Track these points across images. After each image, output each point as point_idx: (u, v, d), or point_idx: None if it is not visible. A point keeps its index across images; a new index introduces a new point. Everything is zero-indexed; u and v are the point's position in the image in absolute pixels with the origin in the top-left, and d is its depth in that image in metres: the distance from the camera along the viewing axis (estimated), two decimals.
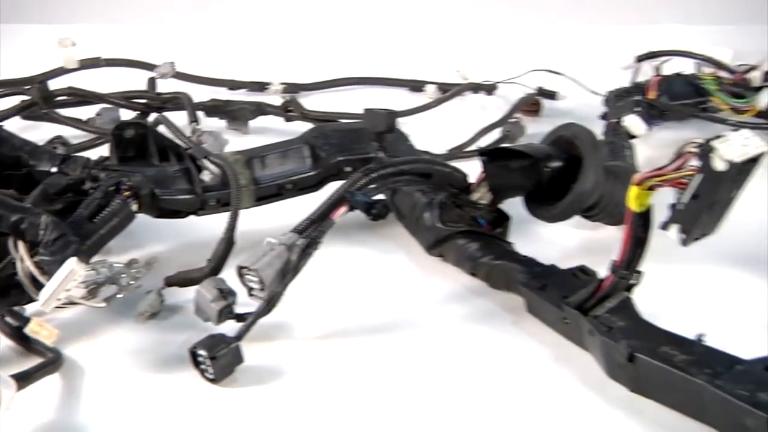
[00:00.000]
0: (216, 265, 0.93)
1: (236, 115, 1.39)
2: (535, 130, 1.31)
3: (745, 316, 0.91)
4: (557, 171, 0.98)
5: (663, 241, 0.80)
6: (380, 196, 0.98)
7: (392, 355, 0.88)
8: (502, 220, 1.01)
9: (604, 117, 1.27)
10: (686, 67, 1.37)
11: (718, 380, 0.73)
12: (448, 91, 1.48)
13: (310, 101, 1.46)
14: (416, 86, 1.55)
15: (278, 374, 0.85)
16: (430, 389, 0.83)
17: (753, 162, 0.75)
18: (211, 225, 0.99)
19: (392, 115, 1.11)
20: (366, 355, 0.88)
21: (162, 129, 1.08)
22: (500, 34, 1.84)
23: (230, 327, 0.85)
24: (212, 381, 0.83)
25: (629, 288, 0.84)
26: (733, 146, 0.74)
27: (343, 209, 0.90)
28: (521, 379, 0.84)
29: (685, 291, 0.95)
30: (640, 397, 0.79)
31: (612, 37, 1.67)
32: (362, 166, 0.98)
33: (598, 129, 1.22)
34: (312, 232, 0.89)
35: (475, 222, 0.99)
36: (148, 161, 1.01)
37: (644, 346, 0.78)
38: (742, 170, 0.75)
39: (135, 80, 1.45)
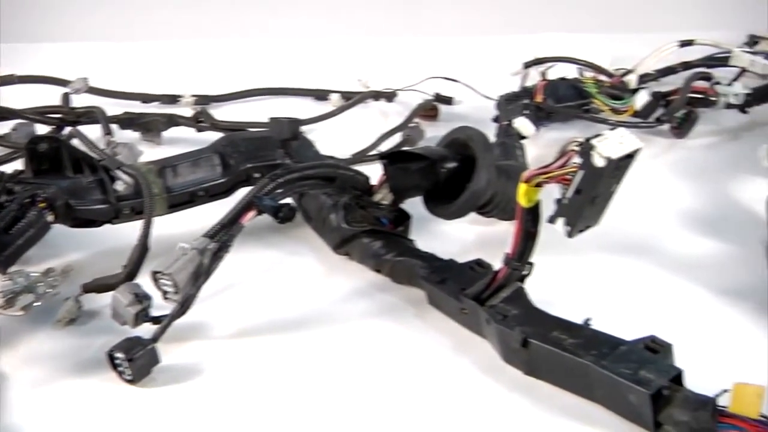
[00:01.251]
0: (131, 271, 0.91)
1: (149, 127, 1.36)
2: (434, 134, 1.31)
3: (627, 300, 0.93)
4: (453, 171, 0.98)
5: (551, 233, 0.80)
6: (288, 200, 0.98)
7: (303, 351, 0.87)
8: (403, 219, 1.01)
9: (496, 120, 1.28)
10: (570, 72, 1.39)
11: (604, 361, 0.74)
12: (351, 99, 1.47)
13: (221, 112, 1.45)
14: (321, 95, 1.54)
15: (194, 373, 0.84)
16: (339, 382, 0.82)
17: (629, 158, 0.76)
18: (126, 233, 0.97)
19: (296, 123, 1.10)
20: (278, 352, 0.87)
21: (76, 142, 1.06)
22: (399, 44, 1.84)
23: (147, 330, 0.83)
24: (130, 382, 0.81)
25: (522, 278, 0.85)
26: (611, 144, 0.75)
27: (251, 213, 0.89)
28: (424, 367, 0.84)
29: (574, 279, 0.96)
30: (534, 380, 0.80)
31: (502, 46, 1.68)
32: (270, 172, 0.97)
33: (491, 131, 1.23)
34: (223, 236, 0.88)
35: (378, 221, 0.99)
36: (62, 173, 0.98)
37: (536, 331, 0.79)
38: (620, 166, 0.76)
39: (49, 96, 1.41)
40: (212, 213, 0.93)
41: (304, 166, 0.98)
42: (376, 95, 1.51)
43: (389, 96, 1.51)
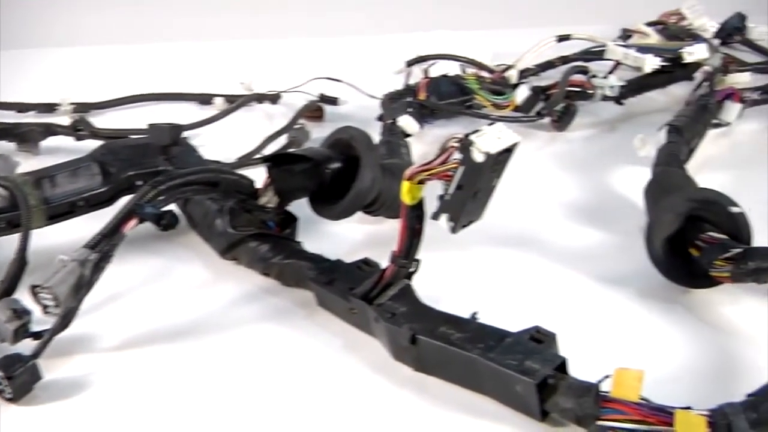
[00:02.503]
0: (8, 286, 0.88)
1: (25, 137, 1.32)
2: (320, 135, 1.30)
3: (513, 292, 0.94)
4: (337, 172, 0.98)
5: (437, 230, 0.81)
6: (172, 207, 0.96)
7: (193, 360, 0.85)
8: (290, 221, 1.00)
9: (380, 118, 1.28)
10: (452, 69, 1.40)
11: (491, 353, 0.75)
12: (235, 102, 1.46)
13: (101, 120, 1.41)
14: (205, 99, 1.52)
15: (80, 388, 0.81)
16: (231, 388, 0.81)
17: (508, 152, 0.77)
18: (4, 246, 0.94)
19: (176, 128, 1.08)
20: (168, 362, 0.85)
21: None
22: (283, 46, 1.83)
23: (28, 346, 0.81)
24: (11, 400, 0.78)
25: (409, 275, 0.86)
26: (489, 139, 0.76)
27: (133, 222, 0.87)
28: (315, 369, 0.84)
29: (460, 274, 0.97)
30: (424, 376, 0.81)
31: (385, 45, 1.68)
32: (152, 180, 0.95)
33: (376, 130, 1.23)
34: (104, 246, 0.85)
35: (265, 225, 0.98)
36: None
37: (424, 328, 0.80)
38: (499, 160, 0.77)
39: None
40: (94, 223, 0.91)
41: (186, 172, 0.97)
42: (260, 98, 1.49)
43: (273, 98, 1.50)
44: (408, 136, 1.23)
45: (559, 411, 0.72)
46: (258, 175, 1.03)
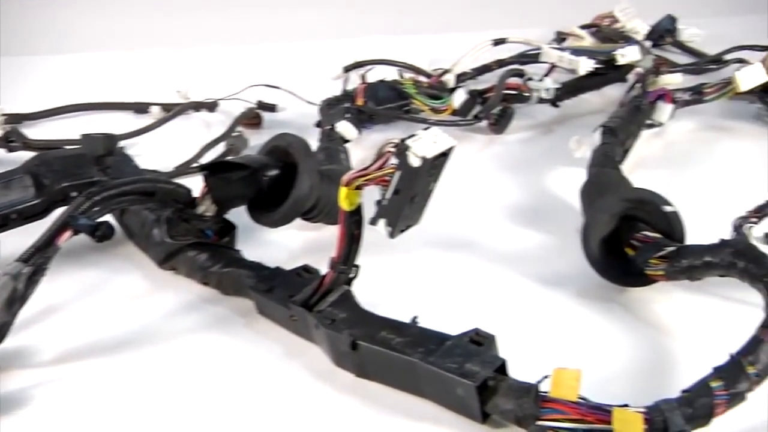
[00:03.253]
0: None
1: None
2: (258, 142, 1.29)
3: (453, 295, 0.94)
4: (275, 179, 0.98)
5: (376, 235, 0.81)
6: (108, 217, 0.95)
7: (133, 371, 0.84)
8: (228, 229, 0.99)
9: (318, 124, 1.28)
10: (389, 74, 1.40)
11: (431, 357, 0.75)
12: (171, 111, 1.44)
13: (35, 131, 1.39)
14: (141, 108, 1.50)
15: (18, 403, 0.79)
16: (172, 398, 0.80)
17: (444, 156, 0.78)
18: None
19: (110, 138, 1.07)
20: (108, 374, 0.84)
21: None
22: (220, 53, 1.82)
23: None
24: None
25: (349, 281, 0.85)
26: (425, 143, 0.76)
27: (67, 234, 0.86)
28: (256, 376, 0.83)
29: (400, 278, 0.97)
30: (365, 381, 0.80)
31: (323, 50, 1.68)
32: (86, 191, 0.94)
33: (315, 136, 1.23)
34: (38, 259, 0.84)
35: (203, 234, 0.97)
36: None
37: (365, 333, 0.80)
38: (435, 164, 0.77)
39: None
40: (29, 235, 0.89)
41: (120, 182, 0.95)
42: (197, 106, 1.48)
43: (210, 106, 1.48)
44: (347, 141, 1.23)
45: (499, 412, 0.72)
46: (196, 184, 1.02)
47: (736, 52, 1.56)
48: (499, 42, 1.51)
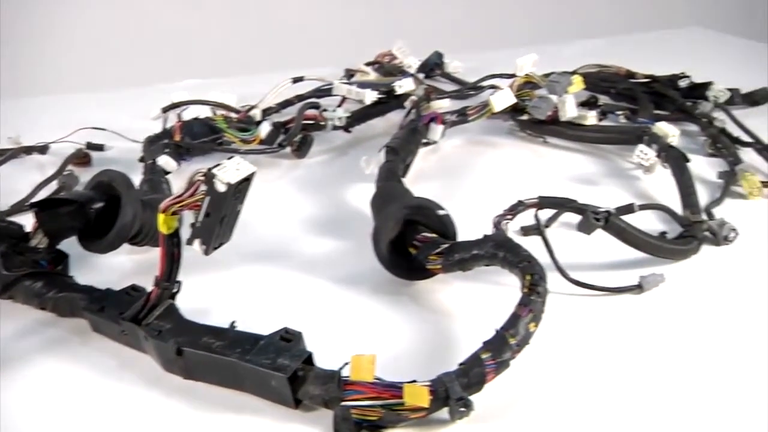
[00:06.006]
0: None
1: None
2: (89, 179, 1.24)
3: (266, 301, 0.93)
4: (101, 210, 0.94)
5: (194, 253, 0.79)
6: None
7: None
8: (61, 258, 0.94)
9: (141, 159, 1.24)
10: (204, 112, 1.37)
11: (247, 356, 0.74)
12: (3, 156, 1.35)
13: None
14: None
15: None
16: (15, 414, 0.75)
17: (247, 180, 0.77)
18: None
19: None
20: None
21: None
22: (46, 102, 1.74)
23: None
24: None
25: (172, 296, 0.83)
26: (229, 171, 0.75)
27: None
28: (93, 388, 0.79)
29: (219, 290, 0.95)
30: (193, 382, 0.78)
31: (145, 96, 1.62)
32: None
33: (140, 170, 1.19)
34: None
35: (38, 264, 0.92)
36: None
37: (188, 340, 0.77)
38: (240, 188, 0.76)
39: None
40: None
41: None
42: (28, 150, 1.40)
43: (42, 149, 1.40)
44: (168, 173, 1.19)
45: (309, 398, 0.72)
46: (29, 220, 0.96)
47: (489, 80, 1.61)
48: (297, 80, 1.51)
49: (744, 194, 1.14)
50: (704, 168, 1.23)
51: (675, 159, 1.16)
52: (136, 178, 1.09)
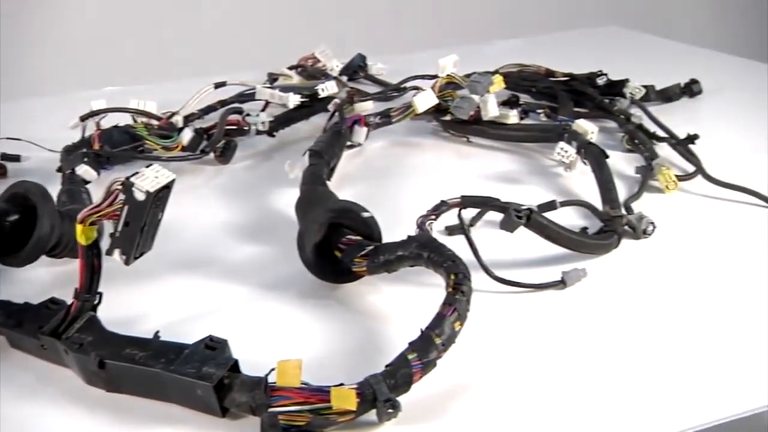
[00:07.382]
0: None
1: None
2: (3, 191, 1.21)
3: (190, 309, 0.92)
4: (16, 223, 0.91)
5: (115, 263, 0.78)
6: None
7: None
8: None
9: (59, 170, 1.21)
10: (124, 120, 1.35)
11: (172, 366, 0.73)
12: None
13: None
14: None
15: None
16: None
17: (166, 188, 0.76)
18: None
19: None
20: None
21: None
22: None
23: None
24: None
25: (93, 308, 0.81)
26: (148, 179, 0.74)
27: None
28: (12, 405, 0.77)
29: (143, 299, 0.93)
30: (116, 395, 0.77)
31: (62, 103, 1.59)
32: None
33: (58, 180, 1.16)
34: None
35: None
36: None
37: (111, 352, 0.76)
38: (159, 196, 0.75)
39: None
40: None
41: None
42: None
43: None
44: (87, 183, 1.17)
45: (236, 405, 0.71)
46: None
47: (412, 81, 1.62)
48: (219, 85, 1.49)
49: (661, 188, 1.17)
50: (622, 164, 1.26)
51: (594, 155, 1.19)
52: (54, 189, 1.07)
